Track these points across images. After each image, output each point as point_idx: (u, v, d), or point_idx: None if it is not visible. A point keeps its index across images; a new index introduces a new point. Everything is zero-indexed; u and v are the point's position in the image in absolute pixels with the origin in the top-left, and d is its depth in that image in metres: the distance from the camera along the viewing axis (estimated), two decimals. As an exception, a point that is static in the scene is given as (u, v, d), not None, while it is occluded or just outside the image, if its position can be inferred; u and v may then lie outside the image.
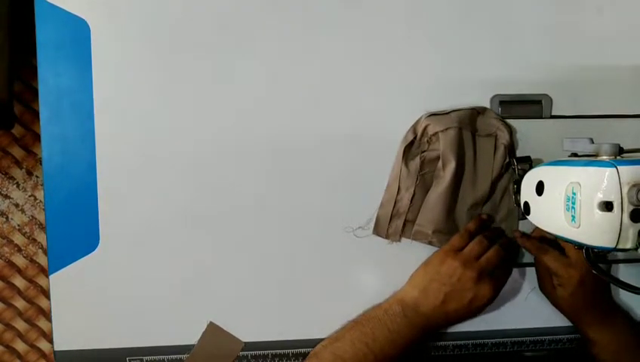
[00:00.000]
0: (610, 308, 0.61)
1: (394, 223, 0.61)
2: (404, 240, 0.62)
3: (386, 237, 0.62)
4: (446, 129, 0.58)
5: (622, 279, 0.49)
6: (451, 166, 0.58)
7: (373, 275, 0.62)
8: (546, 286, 0.61)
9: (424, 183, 0.60)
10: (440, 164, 0.59)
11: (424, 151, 0.60)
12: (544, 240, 0.60)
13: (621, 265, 0.65)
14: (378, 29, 0.61)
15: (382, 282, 0.62)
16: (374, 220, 0.62)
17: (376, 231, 0.62)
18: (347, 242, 0.62)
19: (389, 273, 0.62)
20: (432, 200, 0.60)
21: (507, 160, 0.60)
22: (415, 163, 0.60)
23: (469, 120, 0.60)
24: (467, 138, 0.59)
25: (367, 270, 0.63)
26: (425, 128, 0.60)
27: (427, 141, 0.60)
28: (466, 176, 0.60)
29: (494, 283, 0.58)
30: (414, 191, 0.60)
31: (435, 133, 0.59)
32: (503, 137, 0.60)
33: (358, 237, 0.62)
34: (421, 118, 0.61)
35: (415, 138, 0.60)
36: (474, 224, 0.61)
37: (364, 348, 0.55)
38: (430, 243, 0.61)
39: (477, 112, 0.61)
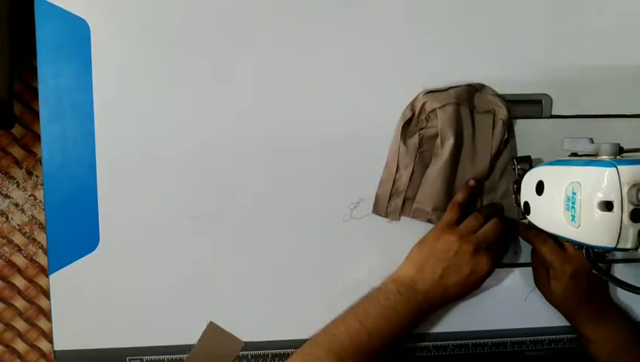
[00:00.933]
0: (607, 307, 0.61)
1: (393, 202, 0.61)
2: (404, 220, 0.62)
3: (386, 215, 0.62)
4: (444, 105, 0.58)
5: (622, 279, 0.49)
6: (450, 142, 0.58)
7: (374, 276, 0.62)
8: (541, 280, 0.61)
9: (423, 161, 0.60)
10: (438, 140, 0.59)
11: (422, 128, 0.60)
12: (543, 231, 0.60)
13: (621, 265, 0.65)
14: (378, 29, 0.61)
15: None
16: (373, 199, 0.62)
17: (376, 209, 0.62)
18: (348, 242, 0.62)
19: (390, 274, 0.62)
20: (431, 178, 0.60)
21: (505, 135, 0.60)
22: (414, 140, 0.60)
23: (467, 96, 0.60)
24: (465, 114, 0.59)
25: (367, 270, 0.63)
26: (423, 105, 0.59)
27: (425, 118, 0.60)
28: (465, 152, 0.60)
29: (491, 255, 0.57)
30: (413, 168, 0.60)
31: (433, 110, 0.58)
32: (502, 113, 0.60)
33: (356, 218, 0.62)
34: (419, 95, 0.60)
35: (413, 115, 0.60)
36: (462, 194, 0.60)
37: (356, 325, 0.55)
38: (429, 220, 0.61)
39: (475, 89, 0.61)
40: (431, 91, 0.60)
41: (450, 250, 0.56)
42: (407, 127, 0.60)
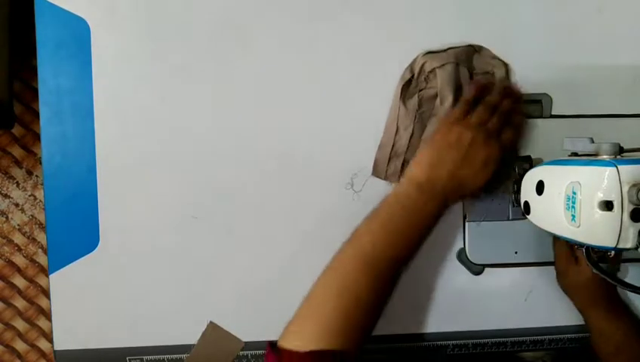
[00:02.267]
0: (619, 300, 0.61)
1: (393, 164, 0.61)
2: None
3: (385, 178, 0.61)
4: (443, 65, 0.58)
5: (622, 279, 0.49)
6: (449, 102, 0.58)
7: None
8: (561, 265, 0.60)
9: (422, 122, 0.60)
10: (438, 101, 0.59)
11: (422, 89, 0.59)
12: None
13: (621, 265, 0.65)
14: (378, 29, 0.61)
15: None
16: (373, 162, 0.61)
17: (375, 172, 0.61)
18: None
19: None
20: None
21: None
22: (413, 101, 0.59)
23: (466, 57, 0.59)
24: (464, 75, 0.59)
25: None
26: (422, 66, 0.59)
27: (425, 79, 0.59)
28: None
29: (505, 140, 0.56)
30: (413, 129, 0.59)
31: (433, 70, 0.58)
32: (500, 74, 0.59)
33: (356, 191, 0.62)
34: (418, 56, 0.60)
35: (412, 77, 0.60)
36: (472, 91, 0.58)
37: (381, 232, 0.53)
38: None
39: (474, 50, 0.60)
40: (430, 52, 0.59)
41: (463, 139, 0.54)
42: (407, 88, 0.60)
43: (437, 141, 0.56)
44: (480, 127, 0.55)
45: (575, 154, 0.51)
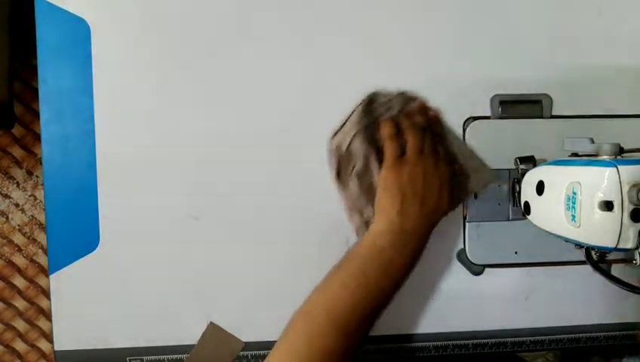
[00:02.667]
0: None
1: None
2: None
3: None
4: (351, 141, 0.58)
5: (622, 279, 0.49)
6: (374, 162, 0.58)
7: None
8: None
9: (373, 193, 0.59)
10: (371, 167, 0.59)
11: (353, 167, 0.60)
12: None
13: (621, 265, 0.65)
14: (378, 29, 0.61)
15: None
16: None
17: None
18: (350, 241, 0.62)
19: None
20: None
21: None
22: (353, 185, 0.60)
23: (365, 114, 0.59)
24: (372, 135, 0.58)
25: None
26: (338, 148, 0.59)
27: (348, 159, 0.59)
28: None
29: (442, 151, 0.56)
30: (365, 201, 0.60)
31: (348, 149, 0.59)
32: (397, 102, 0.58)
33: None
34: (331, 143, 0.60)
35: (339, 163, 0.60)
36: (388, 129, 0.57)
37: (355, 288, 0.52)
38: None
39: (368, 103, 0.59)
40: (335, 133, 0.59)
41: (417, 178, 0.54)
42: (340, 175, 0.60)
43: (392, 185, 0.55)
44: (421, 155, 0.55)
45: (575, 154, 0.51)
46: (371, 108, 0.59)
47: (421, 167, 0.55)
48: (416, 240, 0.54)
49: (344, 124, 0.59)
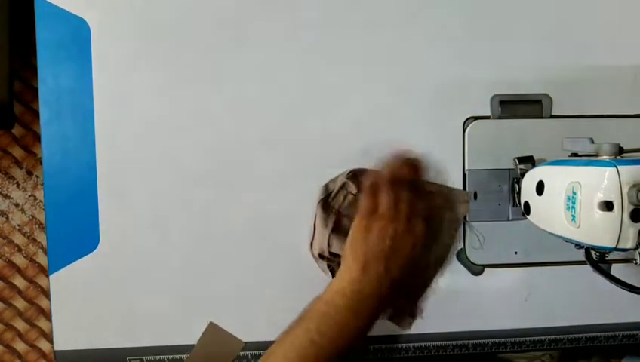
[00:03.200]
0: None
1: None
2: None
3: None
4: (329, 243, 0.60)
5: (622, 279, 0.49)
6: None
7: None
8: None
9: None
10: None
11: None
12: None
13: (621, 265, 0.65)
14: (378, 29, 0.61)
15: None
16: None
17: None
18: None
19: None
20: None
21: None
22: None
23: (324, 220, 0.60)
24: (340, 232, 0.59)
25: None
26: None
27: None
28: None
29: (424, 216, 0.53)
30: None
31: (330, 251, 0.60)
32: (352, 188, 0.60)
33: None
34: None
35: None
36: (369, 179, 0.54)
37: (309, 345, 0.51)
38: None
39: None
40: (311, 243, 0.61)
41: (385, 237, 0.51)
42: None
43: (359, 241, 0.52)
44: (395, 212, 0.52)
45: (575, 154, 0.51)
46: (328, 202, 0.60)
47: (392, 225, 0.51)
48: (375, 303, 0.52)
49: (314, 231, 0.60)
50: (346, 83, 0.62)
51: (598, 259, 0.48)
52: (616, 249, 0.44)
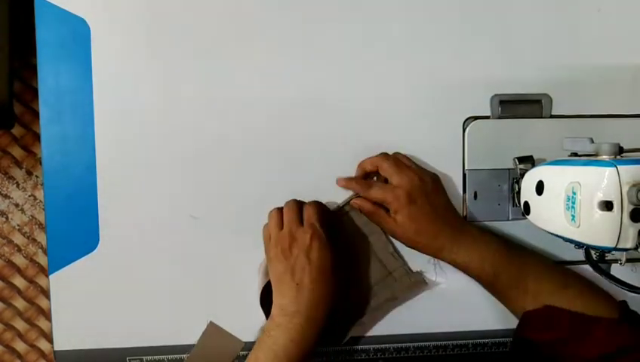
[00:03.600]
0: (465, 225, 0.59)
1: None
2: None
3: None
4: None
5: (622, 279, 0.49)
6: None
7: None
8: (388, 224, 0.58)
9: None
10: None
11: None
12: (366, 177, 0.60)
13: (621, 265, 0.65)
14: (378, 29, 0.61)
15: (382, 282, 0.61)
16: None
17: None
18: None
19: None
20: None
21: None
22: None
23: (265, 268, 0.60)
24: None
25: (367, 270, 0.63)
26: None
27: None
28: None
29: (311, 225, 0.56)
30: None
31: None
32: None
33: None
34: None
35: None
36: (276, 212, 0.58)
37: None
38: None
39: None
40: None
41: (280, 259, 0.55)
42: None
43: (271, 267, 0.57)
44: (280, 232, 0.56)
45: (575, 154, 0.51)
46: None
47: (280, 246, 0.55)
48: (302, 322, 0.53)
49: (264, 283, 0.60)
50: (345, 83, 0.62)
51: (598, 259, 0.48)
52: (616, 249, 0.44)
